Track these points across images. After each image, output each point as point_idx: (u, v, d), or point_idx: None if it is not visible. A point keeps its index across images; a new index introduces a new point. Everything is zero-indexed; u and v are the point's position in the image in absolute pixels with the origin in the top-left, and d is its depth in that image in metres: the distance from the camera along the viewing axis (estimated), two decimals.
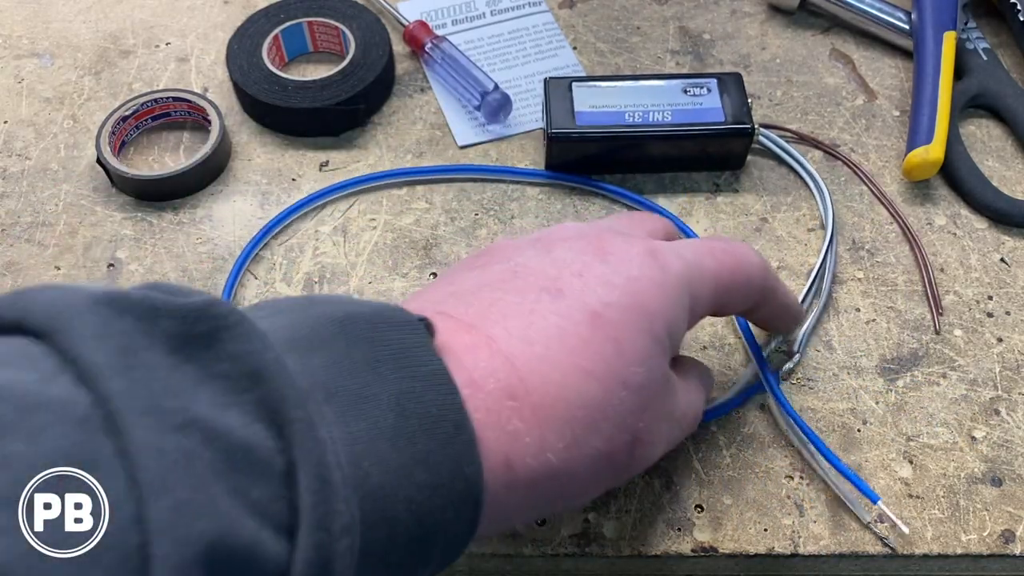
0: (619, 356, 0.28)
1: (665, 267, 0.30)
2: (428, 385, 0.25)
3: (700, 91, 0.48)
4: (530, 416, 0.26)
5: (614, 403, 0.28)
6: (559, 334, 0.28)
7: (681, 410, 0.32)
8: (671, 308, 0.30)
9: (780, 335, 0.41)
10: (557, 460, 0.27)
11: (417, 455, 0.24)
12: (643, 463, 0.30)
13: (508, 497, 0.26)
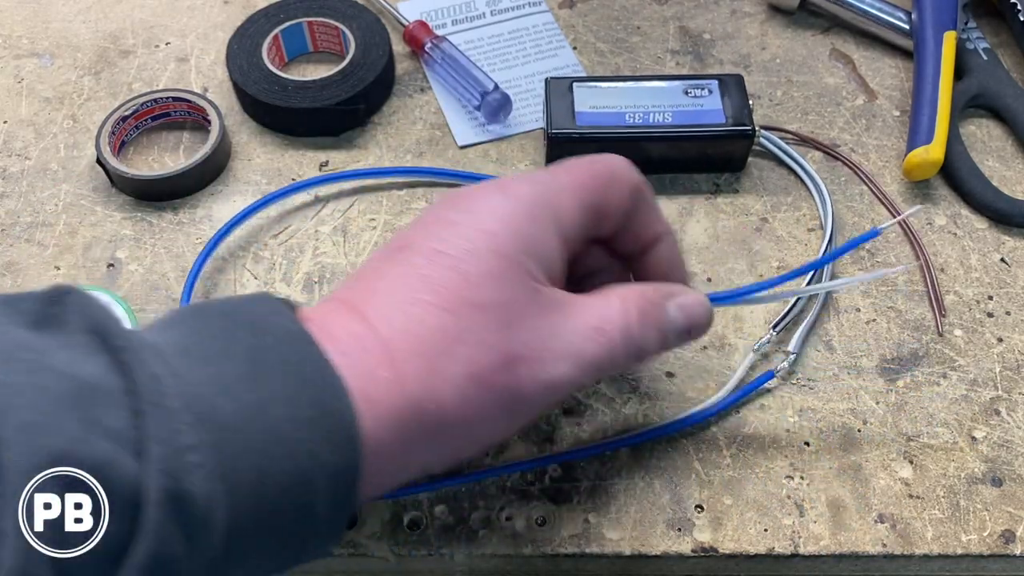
0: (463, 280, 0.29)
1: (512, 194, 0.31)
2: (283, 340, 0.27)
3: (701, 92, 0.48)
4: (381, 353, 0.27)
5: (465, 325, 0.28)
6: (402, 278, 0.29)
7: (582, 325, 0.31)
8: (523, 227, 0.30)
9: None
10: (418, 389, 0.27)
11: (274, 392, 0.25)
12: (542, 382, 0.29)
13: (384, 436, 0.27)
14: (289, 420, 0.25)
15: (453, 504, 0.37)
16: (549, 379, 0.30)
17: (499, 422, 0.30)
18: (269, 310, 0.28)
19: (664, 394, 0.41)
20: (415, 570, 0.37)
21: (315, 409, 0.26)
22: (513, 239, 0.30)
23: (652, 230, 0.35)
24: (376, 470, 0.27)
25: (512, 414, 0.30)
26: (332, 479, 0.26)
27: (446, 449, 0.30)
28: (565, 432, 0.39)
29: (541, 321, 0.30)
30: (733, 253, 0.46)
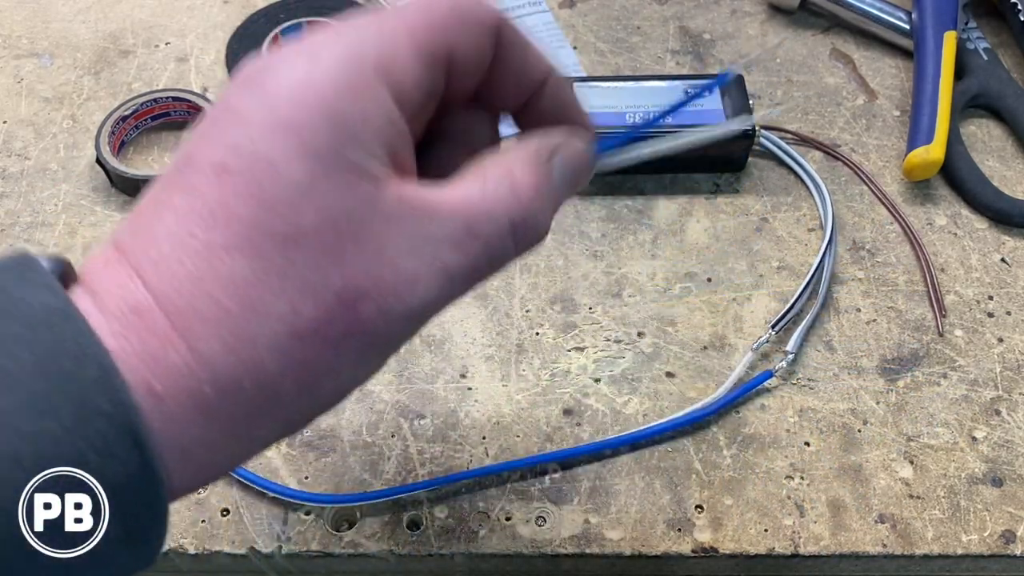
0: (263, 207, 0.21)
1: (321, 58, 0.22)
2: (34, 324, 0.20)
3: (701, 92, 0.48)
4: (166, 328, 0.21)
5: (279, 268, 0.21)
6: (185, 217, 0.22)
7: (447, 229, 0.23)
8: (340, 105, 0.22)
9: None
10: (227, 365, 0.21)
11: (16, 399, 0.19)
12: (399, 314, 0.23)
13: (191, 429, 0.21)
14: (39, 436, 0.19)
15: (453, 504, 0.37)
16: (407, 309, 0.23)
17: (352, 372, 0.24)
18: (16, 281, 0.21)
19: (664, 394, 0.41)
20: (415, 570, 0.37)
21: (75, 414, 0.20)
22: (328, 127, 0.22)
23: (531, 73, 0.27)
24: (194, 467, 0.22)
25: (366, 359, 0.24)
26: (117, 493, 0.20)
27: (288, 418, 0.23)
28: (565, 432, 0.39)
29: (386, 238, 0.22)
30: (733, 253, 0.46)
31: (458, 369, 0.41)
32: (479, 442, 0.39)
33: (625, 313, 0.43)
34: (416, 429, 0.40)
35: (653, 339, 0.42)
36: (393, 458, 0.39)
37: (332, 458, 0.39)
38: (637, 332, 0.43)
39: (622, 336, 0.43)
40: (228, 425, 0.22)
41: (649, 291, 0.44)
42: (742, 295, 0.44)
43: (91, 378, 0.20)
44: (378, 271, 0.22)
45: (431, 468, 0.38)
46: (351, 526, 0.37)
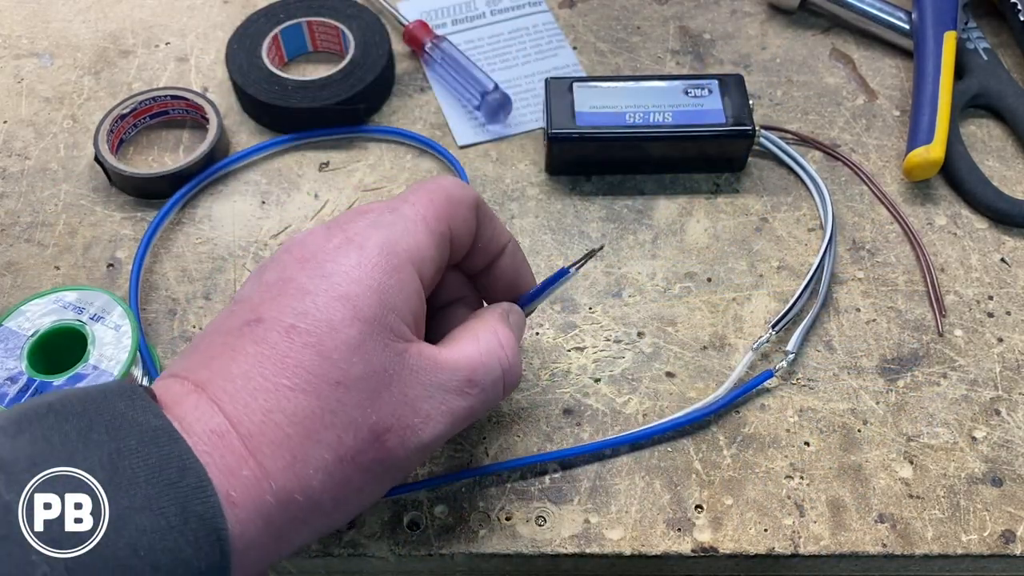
0: (324, 359, 0.27)
1: (366, 247, 0.29)
2: (146, 441, 0.25)
3: (701, 92, 0.48)
4: (241, 448, 0.26)
5: (332, 407, 0.27)
6: (258, 361, 0.27)
7: (453, 380, 0.30)
8: (382, 282, 0.29)
9: None
10: (284, 483, 0.26)
11: (136, 501, 0.24)
12: (413, 446, 0.29)
13: (251, 534, 0.26)
14: (152, 531, 0.24)
15: (453, 504, 0.37)
16: (420, 443, 0.29)
17: (372, 491, 0.30)
18: (128, 405, 0.26)
19: (664, 394, 0.41)
20: (415, 570, 0.37)
21: (178, 513, 0.24)
22: (373, 299, 0.28)
23: (497, 242, 0.35)
24: (246, 564, 0.26)
25: (384, 481, 0.30)
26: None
27: (319, 528, 0.29)
28: (565, 432, 0.39)
29: (409, 386, 0.29)
30: (733, 253, 0.46)
31: None
32: (479, 442, 0.39)
33: (625, 313, 0.43)
34: None
35: (653, 339, 0.43)
36: None
37: None
38: (637, 332, 0.43)
39: (622, 336, 0.43)
40: (278, 531, 0.27)
41: (649, 291, 0.44)
42: (742, 295, 0.44)
43: (191, 487, 0.25)
44: (402, 411, 0.29)
45: (431, 468, 0.38)
46: (351, 526, 0.37)
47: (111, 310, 0.39)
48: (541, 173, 0.49)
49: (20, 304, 0.40)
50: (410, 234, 0.30)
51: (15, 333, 0.39)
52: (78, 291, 0.40)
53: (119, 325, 0.39)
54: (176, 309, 0.44)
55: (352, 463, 0.28)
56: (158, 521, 0.24)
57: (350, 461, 0.28)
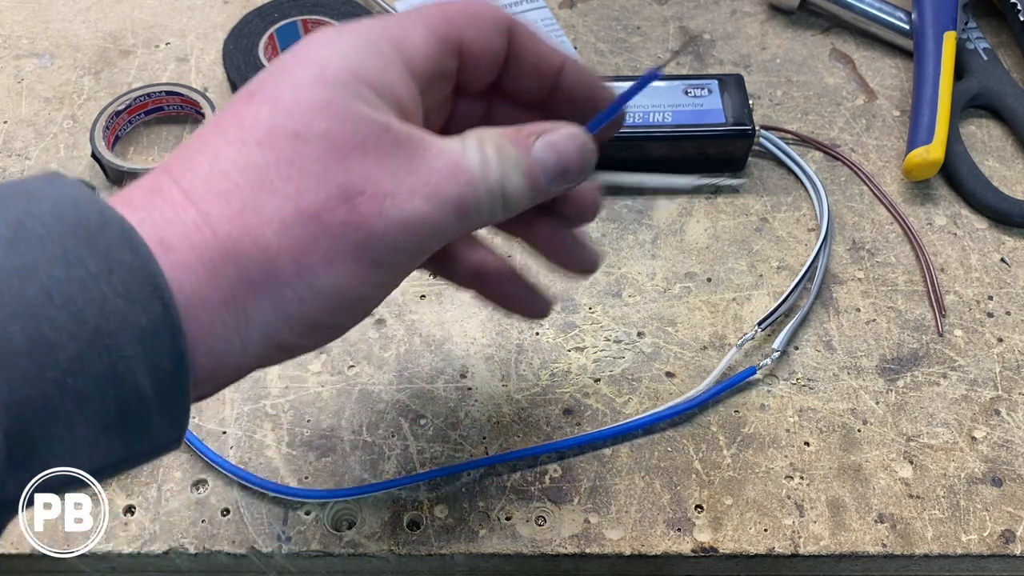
0: (279, 111, 0.25)
1: (349, 28, 0.27)
2: (60, 203, 0.23)
3: (701, 92, 0.48)
4: (179, 198, 0.24)
5: (288, 157, 0.25)
6: (213, 127, 0.26)
7: (440, 162, 0.27)
8: (359, 57, 0.26)
9: None
10: (231, 228, 0.24)
11: (47, 253, 0.22)
12: (394, 219, 0.26)
13: (198, 285, 0.24)
14: (68, 280, 0.22)
15: (453, 504, 0.37)
16: (402, 216, 0.26)
17: (350, 267, 0.25)
18: (50, 181, 0.24)
19: (664, 394, 0.41)
20: (415, 570, 0.37)
21: (101, 263, 0.22)
22: (345, 67, 0.26)
23: (546, 62, 0.31)
24: (201, 329, 0.24)
25: (366, 260, 0.26)
26: (143, 338, 0.22)
27: (288, 302, 0.25)
28: (565, 432, 0.39)
29: (389, 155, 0.26)
30: (733, 253, 0.46)
31: (458, 369, 0.41)
32: (479, 442, 0.39)
33: (625, 313, 0.43)
34: (416, 429, 0.40)
35: (653, 339, 0.43)
36: (393, 458, 0.39)
37: (332, 458, 0.39)
38: (637, 332, 0.43)
39: (622, 336, 0.43)
40: (228, 289, 0.24)
41: (649, 291, 0.44)
42: (742, 295, 0.44)
43: (114, 237, 0.22)
44: (378, 177, 0.25)
45: (431, 468, 0.38)
46: (351, 526, 0.37)
47: None
48: None
49: None
50: (400, 26, 0.28)
51: None
52: None
53: None
54: None
55: (315, 220, 0.24)
56: (75, 271, 0.22)
57: (312, 217, 0.24)
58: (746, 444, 0.39)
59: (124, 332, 0.22)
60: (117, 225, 0.23)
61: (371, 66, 0.26)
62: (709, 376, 0.40)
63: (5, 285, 0.21)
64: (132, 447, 0.23)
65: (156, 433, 0.24)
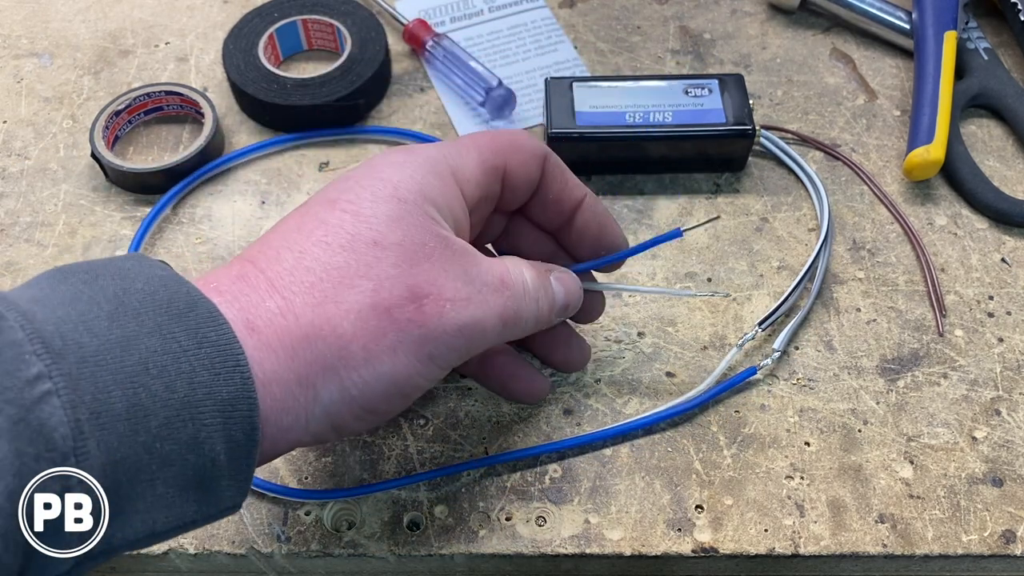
0: (361, 221, 0.29)
1: (413, 151, 0.32)
2: (152, 282, 0.25)
3: (701, 92, 0.48)
4: (265, 286, 0.27)
5: (367, 261, 0.28)
6: (297, 225, 0.29)
7: (489, 275, 0.31)
8: (423, 177, 0.30)
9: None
10: (311, 316, 0.27)
11: (143, 327, 0.24)
12: (453, 322, 0.29)
13: (275, 363, 0.26)
14: (163, 352, 0.24)
15: (453, 504, 0.37)
16: (460, 320, 0.29)
17: (410, 359, 0.29)
18: (137, 262, 0.26)
19: (664, 394, 0.41)
20: (415, 570, 0.37)
21: (191, 339, 0.24)
22: (413, 186, 0.30)
23: (571, 195, 0.36)
24: (274, 403, 0.26)
25: (423, 355, 0.29)
26: (222, 408, 0.24)
27: (353, 385, 0.28)
28: (565, 432, 0.39)
29: (450, 265, 0.29)
30: (733, 253, 0.46)
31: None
32: (479, 442, 0.39)
33: (625, 313, 0.43)
34: (416, 429, 0.39)
35: (653, 339, 0.42)
36: (393, 458, 0.39)
37: (332, 458, 0.39)
38: (637, 332, 0.43)
39: (622, 336, 0.43)
40: (304, 371, 0.27)
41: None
42: (742, 295, 0.44)
43: (202, 316, 0.25)
44: (441, 283, 0.29)
45: (431, 468, 0.38)
46: (351, 526, 0.37)
47: None
48: None
49: None
50: (458, 154, 0.32)
51: None
52: None
53: None
54: None
55: (387, 314, 0.28)
56: (169, 344, 0.24)
57: (384, 311, 0.28)
58: (746, 444, 0.39)
59: (208, 403, 0.24)
60: (204, 306, 0.25)
61: (435, 187, 0.30)
62: (709, 376, 0.40)
63: (109, 355, 0.23)
64: (202, 509, 0.25)
65: (223, 497, 0.26)
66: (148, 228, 0.46)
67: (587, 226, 0.36)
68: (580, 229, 0.36)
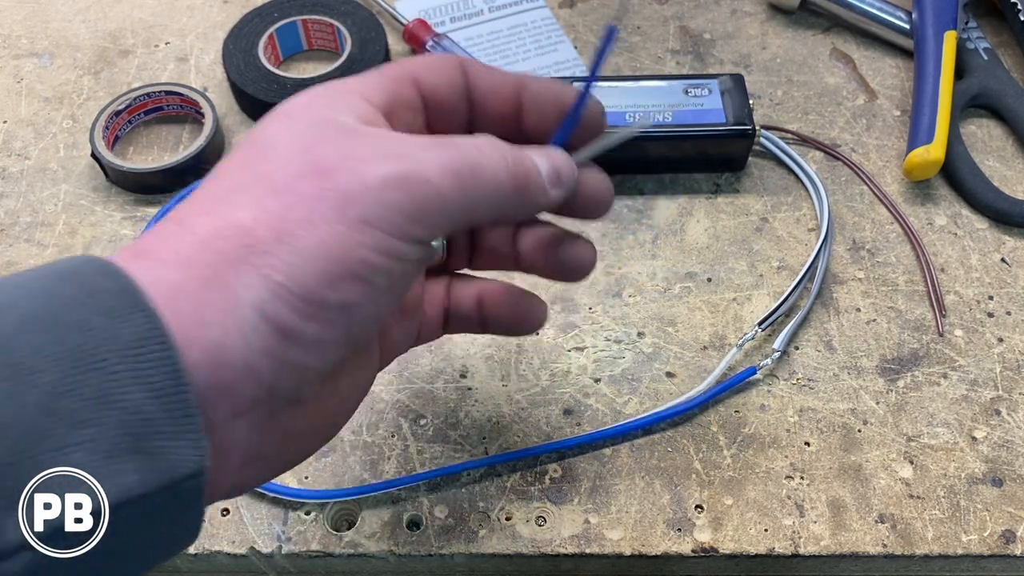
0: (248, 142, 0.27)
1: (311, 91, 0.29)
2: (47, 265, 0.23)
3: (701, 92, 0.48)
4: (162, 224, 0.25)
5: (258, 164, 0.26)
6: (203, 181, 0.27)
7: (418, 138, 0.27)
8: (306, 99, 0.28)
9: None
10: (207, 221, 0.24)
11: (29, 292, 0.22)
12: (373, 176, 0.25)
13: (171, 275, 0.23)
14: (48, 309, 0.21)
15: (453, 504, 0.37)
16: (383, 171, 0.25)
17: (334, 227, 0.24)
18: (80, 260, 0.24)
19: (664, 394, 0.41)
20: (415, 570, 0.37)
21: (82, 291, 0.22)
22: (300, 106, 0.28)
23: (504, 79, 0.32)
24: (189, 319, 0.23)
25: (353, 220, 0.25)
26: (130, 353, 0.21)
27: (273, 269, 0.24)
28: (565, 432, 0.39)
29: (358, 140, 0.26)
30: (733, 253, 0.46)
31: (458, 369, 0.41)
32: (479, 442, 0.39)
33: (625, 313, 0.43)
34: (416, 429, 0.39)
35: (653, 339, 0.42)
36: (393, 458, 0.39)
37: (332, 458, 0.39)
38: (637, 332, 0.43)
39: (622, 336, 0.43)
40: (208, 271, 0.23)
41: (649, 291, 0.44)
42: (742, 295, 0.44)
43: (95, 270, 0.22)
44: (350, 148, 0.26)
45: (431, 468, 0.38)
46: (351, 526, 0.37)
47: None
48: None
49: None
50: (356, 76, 0.29)
51: None
52: None
53: None
54: None
55: (289, 191, 0.25)
56: (55, 301, 0.22)
57: (285, 189, 0.25)
58: (746, 444, 0.39)
59: (109, 347, 0.21)
60: (97, 261, 0.23)
61: (326, 97, 0.28)
62: (709, 376, 0.40)
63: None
64: (148, 477, 0.21)
65: (173, 459, 0.22)
66: (148, 228, 0.46)
67: (539, 103, 0.32)
68: (535, 110, 0.32)
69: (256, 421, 0.25)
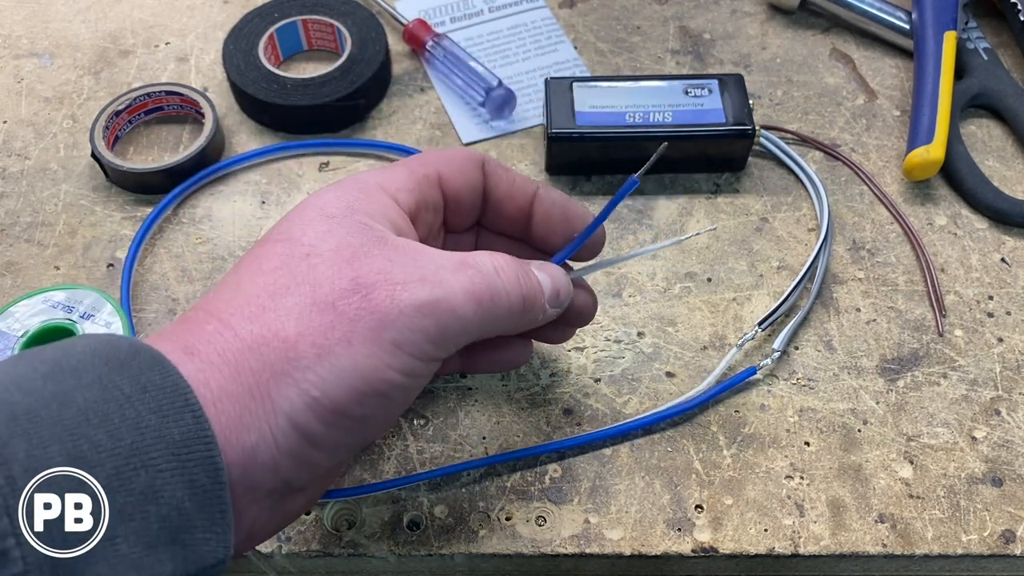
0: (292, 244, 0.28)
1: (335, 182, 0.31)
2: (93, 344, 0.25)
3: (701, 92, 0.48)
4: (205, 317, 0.27)
5: (302, 272, 0.28)
6: (236, 268, 0.29)
7: (446, 259, 0.30)
8: (350, 194, 0.30)
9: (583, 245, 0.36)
10: (253, 327, 0.26)
11: (83, 381, 0.23)
12: (406, 302, 0.27)
13: (221, 380, 0.25)
14: (104, 402, 0.23)
15: (453, 504, 0.37)
16: (416, 299, 0.27)
17: (370, 348, 0.27)
18: (86, 335, 0.26)
19: (664, 394, 0.41)
20: (415, 570, 0.37)
21: (134, 386, 0.23)
22: (339, 203, 0.29)
23: (521, 189, 0.35)
24: (230, 421, 0.25)
25: (384, 343, 0.27)
26: (176, 451, 0.23)
27: (311, 385, 0.26)
28: (565, 432, 0.39)
29: (394, 255, 0.28)
30: (733, 253, 0.46)
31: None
32: (479, 442, 0.39)
33: (625, 313, 0.43)
34: (416, 429, 0.40)
35: (653, 339, 0.43)
36: (393, 458, 0.39)
37: None
38: (637, 332, 0.43)
39: (622, 336, 0.43)
40: (253, 380, 0.25)
41: (649, 291, 0.44)
42: (742, 295, 0.44)
43: (145, 362, 0.24)
44: (388, 270, 0.28)
45: (431, 468, 0.38)
46: (351, 526, 0.37)
47: (101, 307, 0.40)
48: (541, 173, 0.49)
49: (8, 305, 0.40)
50: (383, 171, 0.32)
51: (5, 335, 0.39)
52: (67, 290, 0.40)
53: (109, 322, 0.39)
54: (176, 309, 0.44)
55: (331, 308, 0.26)
56: (110, 393, 0.23)
57: (329, 306, 0.26)
58: (746, 444, 0.39)
59: (159, 447, 0.23)
60: (147, 352, 0.24)
61: (360, 199, 0.30)
62: (709, 376, 0.40)
63: (44, 410, 0.22)
64: (180, 568, 0.23)
65: (203, 551, 0.24)
66: (148, 229, 0.46)
67: (549, 215, 0.35)
68: (544, 220, 0.35)
69: (266, 506, 0.27)
